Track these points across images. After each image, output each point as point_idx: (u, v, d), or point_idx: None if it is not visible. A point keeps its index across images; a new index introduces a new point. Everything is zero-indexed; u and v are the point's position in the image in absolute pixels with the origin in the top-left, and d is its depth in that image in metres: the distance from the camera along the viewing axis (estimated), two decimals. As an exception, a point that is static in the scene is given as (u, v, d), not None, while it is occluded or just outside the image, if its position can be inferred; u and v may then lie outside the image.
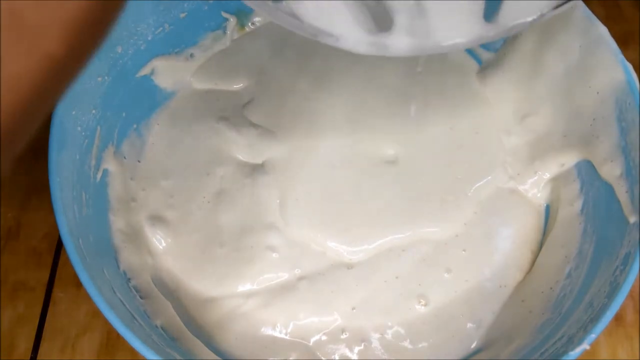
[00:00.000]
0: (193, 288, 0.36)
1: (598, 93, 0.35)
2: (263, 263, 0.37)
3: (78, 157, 0.34)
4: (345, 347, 0.35)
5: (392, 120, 0.41)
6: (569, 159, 0.38)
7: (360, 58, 0.42)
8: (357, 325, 0.36)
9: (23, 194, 0.41)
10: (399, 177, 0.39)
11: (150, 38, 0.39)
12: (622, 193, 0.33)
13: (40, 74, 0.15)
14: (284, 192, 0.39)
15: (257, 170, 0.39)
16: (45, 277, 0.39)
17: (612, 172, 0.34)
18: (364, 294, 0.36)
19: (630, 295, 0.38)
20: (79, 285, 0.29)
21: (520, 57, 0.40)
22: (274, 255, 0.37)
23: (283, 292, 0.36)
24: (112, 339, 0.37)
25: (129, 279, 0.34)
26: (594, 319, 0.29)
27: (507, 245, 0.38)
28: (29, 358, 0.37)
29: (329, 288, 0.36)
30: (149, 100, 0.41)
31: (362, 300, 0.36)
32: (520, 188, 0.40)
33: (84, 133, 0.35)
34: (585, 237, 0.35)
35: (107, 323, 0.28)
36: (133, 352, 0.28)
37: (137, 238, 0.37)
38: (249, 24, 0.44)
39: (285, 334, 0.35)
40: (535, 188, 0.39)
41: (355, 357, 0.35)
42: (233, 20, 0.43)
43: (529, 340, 0.33)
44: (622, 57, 0.34)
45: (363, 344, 0.35)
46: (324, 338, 0.35)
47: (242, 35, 0.44)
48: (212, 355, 0.34)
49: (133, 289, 0.34)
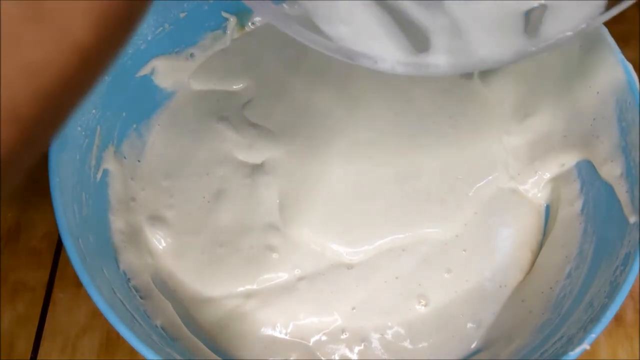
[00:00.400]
0: (193, 288, 0.36)
1: (598, 93, 0.35)
2: (263, 263, 0.37)
3: (78, 157, 0.34)
4: (345, 347, 0.35)
5: (391, 120, 0.41)
6: (569, 159, 0.38)
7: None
8: (357, 326, 0.36)
9: (23, 194, 0.41)
10: (399, 177, 0.39)
11: (150, 38, 0.39)
12: (622, 193, 0.33)
13: (67, 64, 0.14)
14: (284, 192, 0.39)
15: (256, 170, 0.39)
16: (45, 277, 0.39)
17: (612, 172, 0.34)
18: (364, 294, 0.36)
19: (630, 295, 0.38)
20: (79, 285, 0.29)
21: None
22: (274, 256, 0.37)
23: (283, 292, 0.36)
24: (112, 339, 0.37)
25: (129, 279, 0.34)
26: (594, 319, 0.29)
27: (507, 246, 0.38)
28: (29, 358, 0.37)
29: (329, 288, 0.36)
30: (149, 100, 0.41)
31: (362, 301, 0.36)
32: (521, 188, 0.40)
33: (84, 133, 0.35)
34: (586, 237, 0.35)
35: (107, 323, 0.28)
36: (133, 352, 0.28)
37: (137, 238, 0.37)
38: (249, 24, 0.44)
39: (285, 334, 0.35)
40: (536, 188, 0.39)
41: (355, 357, 0.35)
42: (233, 20, 0.43)
43: (529, 340, 0.33)
44: (622, 57, 0.34)
45: (363, 344, 0.35)
46: (324, 338, 0.35)
47: (242, 35, 0.44)
48: (212, 355, 0.34)
49: (133, 289, 0.34)
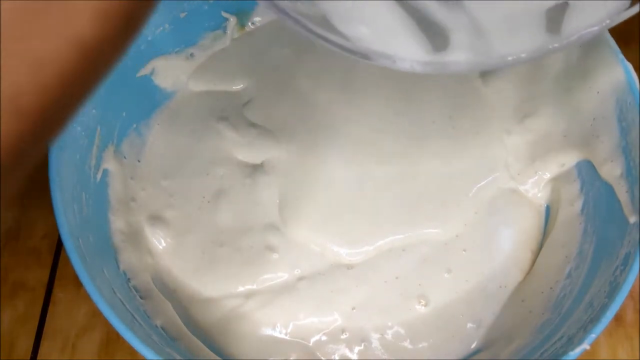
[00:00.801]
0: (193, 288, 0.36)
1: (598, 93, 0.35)
2: (263, 263, 0.37)
3: (78, 157, 0.34)
4: (345, 347, 0.35)
5: (392, 120, 0.41)
6: (569, 159, 0.38)
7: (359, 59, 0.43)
8: (357, 326, 0.36)
9: (23, 194, 0.41)
10: (400, 177, 0.39)
11: (150, 38, 0.39)
12: (622, 193, 0.33)
13: (71, 59, 0.14)
14: (284, 192, 0.39)
15: (256, 170, 0.39)
16: (45, 277, 0.39)
17: (612, 172, 0.34)
18: (364, 294, 0.36)
19: (630, 295, 0.38)
20: (79, 285, 0.29)
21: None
22: (274, 256, 0.37)
23: (283, 292, 0.36)
24: (112, 339, 0.37)
25: (129, 279, 0.34)
26: (594, 319, 0.29)
27: (507, 246, 0.38)
28: (29, 358, 0.37)
29: (329, 288, 0.36)
30: (149, 100, 0.41)
31: (362, 301, 0.36)
32: (521, 188, 0.40)
33: (84, 133, 0.34)
34: (586, 237, 0.35)
35: (107, 323, 0.28)
36: (133, 352, 0.28)
37: (137, 238, 0.37)
38: (249, 24, 0.44)
39: (285, 334, 0.35)
40: (536, 188, 0.39)
41: (355, 357, 0.35)
42: (233, 20, 0.43)
43: (529, 340, 0.33)
44: (622, 57, 0.34)
45: (363, 344, 0.35)
46: (324, 338, 0.35)
47: (242, 35, 0.44)
48: (212, 355, 0.34)
49: (133, 289, 0.34)
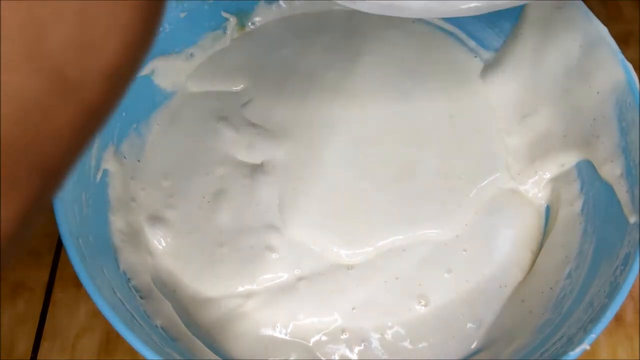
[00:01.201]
0: (193, 288, 0.36)
1: (598, 93, 0.35)
2: (263, 263, 0.37)
3: (78, 157, 0.34)
4: (345, 347, 0.35)
5: (391, 120, 0.41)
6: (569, 159, 0.38)
7: (360, 56, 0.43)
8: (357, 326, 0.36)
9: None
10: (399, 177, 0.39)
11: (150, 38, 0.39)
12: (622, 193, 0.33)
13: (81, 123, 0.15)
14: (284, 192, 0.39)
15: (256, 170, 0.39)
16: (45, 277, 0.39)
17: (612, 172, 0.34)
18: (364, 294, 0.36)
19: (630, 295, 0.38)
20: (79, 285, 0.29)
21: (521, 57, 0.40)
22: (274, 256, 0.37)
23: (283, 292, 0.36)
24: (112, 339, 0.37)
25: (129, 279, 0.34)
26: (594, 319, 0.29)
27: (507, 246, 0.38)
28: (29, 358, 0.37)
29: (329, 288, 0.36)
30: (149, 100, 0.41)
31: (362, 301, 0.36)
32: (521, 188, 0.39)
33: (84, 133, 0.34)
34: (586, 237, 0.35)
35: (107, 323, 0.28)
36: (133, 352, 0.28)
37: (137, 238, 0.37)
38: (249, 24, 0.44)
39: (285, 334, 0.35)
40: (536, 188, 0.39)
41: (355, 357, 0.35)
42: (233, 20, 0.43)
43: (529, 341, 0.33)
44: (622, 57, 0.34)
45: (363, 344, 0.35)
46: (324, 338, 0.35)
47: (242, 35, 0.44)
48: (212, 355, 0.34)
49: (133, 289, 0.34)
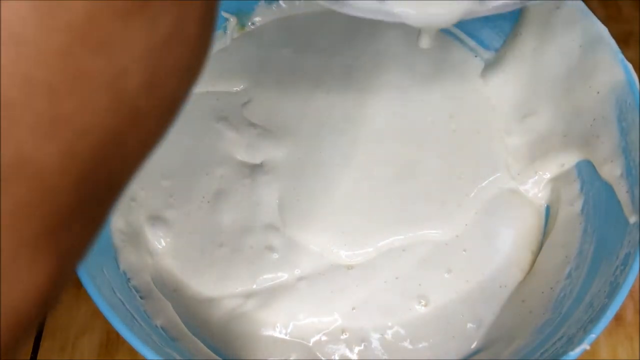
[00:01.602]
0: (193, 288, 0.36)
1: (598, 93, 0.35)
2: (262, 263, 0.37)
3: (78, 157, 0.34)
4: (345, 347, 0.35)
5: (391, 120, 0.41)
6: (569, 159, 0.38)
7: (360, 57, 0.43)
8: (357, 326, 0.36)
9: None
10: (400, 177, 0.39)
11: (150, 38, 0.39)
12: (622, 193, 0.33)
13: (140, 149, 0.17)
14: (284, 192, 0.39)
15: (256, 170, 0.39)
16: (45, 277, 0.39)
17: (612, 172, 0.34)
18: (364, 295, 0.36)
19: (630, 295, 0.38)
20: (79, 286, 0.29)
21: (521, 57, 0.40)
22: (274, 256, 0.37)
23: (283, 292, 0.36)
24: (112, 339, 0.37)
25: (129, 279, 0.34)
26: (594, 319, 0.29)
27: (507, 246, 0.38)
28: (29, 358, 0.37)
29: (329, 288, 0.36)
30: (149, 100, 0.41)
31: (362, 301, 0.36)
32: (521, 188, 0.39)
33: (84, 133, 0.34)
34: (586, 237, 0.35)
35: (107, 323, 0.28)
36: (133, 352, 0.28)
37: (137, 238, 0.37)
38: (249, 24, 0.44)
39: (285, 334, 0.35)
40: (536, 188, 0.39)
41: (355, 357, 0.35)
42: (233, 20, 0.43)
43: (529, 341, 0.33)
44: (622, 57, 0.34)
45: (363, 344, 0.35)
46: (324, 338, 0.35)
47: (242, 35, 0.44)
48: (212, 355, 0.34)
49: (133, 289, 0.34)
